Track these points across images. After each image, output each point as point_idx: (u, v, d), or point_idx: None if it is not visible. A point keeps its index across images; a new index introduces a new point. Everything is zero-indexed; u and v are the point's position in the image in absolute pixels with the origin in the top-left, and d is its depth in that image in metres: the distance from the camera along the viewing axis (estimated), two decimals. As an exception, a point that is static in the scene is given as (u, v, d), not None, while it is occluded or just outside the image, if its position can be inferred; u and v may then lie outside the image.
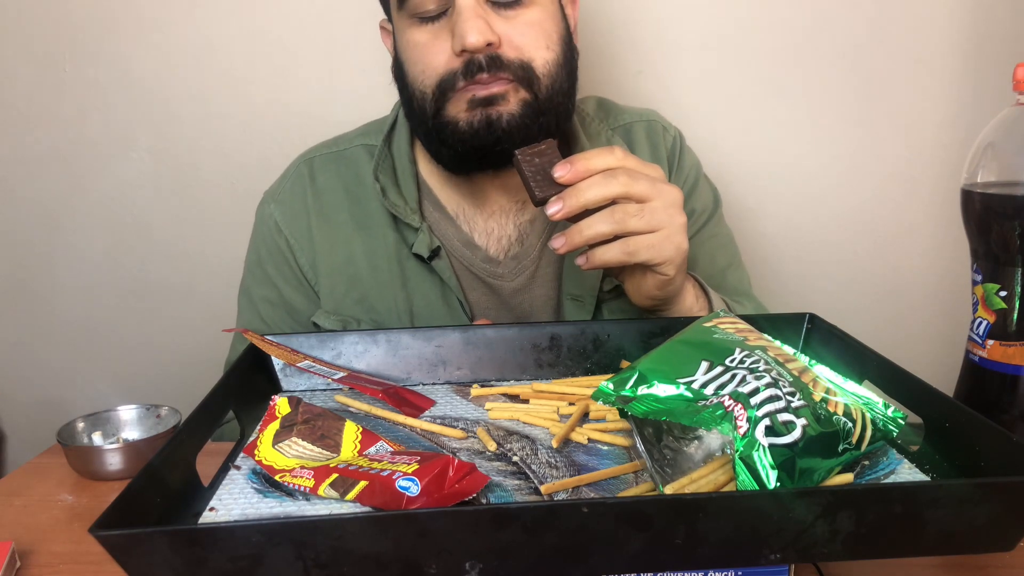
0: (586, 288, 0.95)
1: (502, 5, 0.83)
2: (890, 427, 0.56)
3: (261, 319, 0.98)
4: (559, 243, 0.75)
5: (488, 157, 0.87)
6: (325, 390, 0.75)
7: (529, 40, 0.84)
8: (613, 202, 0.73)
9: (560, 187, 0.74)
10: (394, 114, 0.98)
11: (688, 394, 0.55)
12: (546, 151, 0.76)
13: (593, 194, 0.72)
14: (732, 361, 0.56)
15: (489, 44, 0.81)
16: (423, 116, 0.87)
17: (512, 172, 0.89)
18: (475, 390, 0.73)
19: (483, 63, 0.82)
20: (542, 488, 0.56)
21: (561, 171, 0.73)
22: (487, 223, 0.96)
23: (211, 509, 0.54)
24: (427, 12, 0.83)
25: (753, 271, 1.11)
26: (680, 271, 0.78)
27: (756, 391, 0.53)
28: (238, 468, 0.60)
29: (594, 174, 0.73)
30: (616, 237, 0.74)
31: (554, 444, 0.62)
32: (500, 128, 0.83)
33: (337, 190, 0.97)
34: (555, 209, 0.73)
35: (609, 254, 0.75)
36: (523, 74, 0.84)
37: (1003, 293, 0.69)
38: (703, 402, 0.54)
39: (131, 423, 0.84)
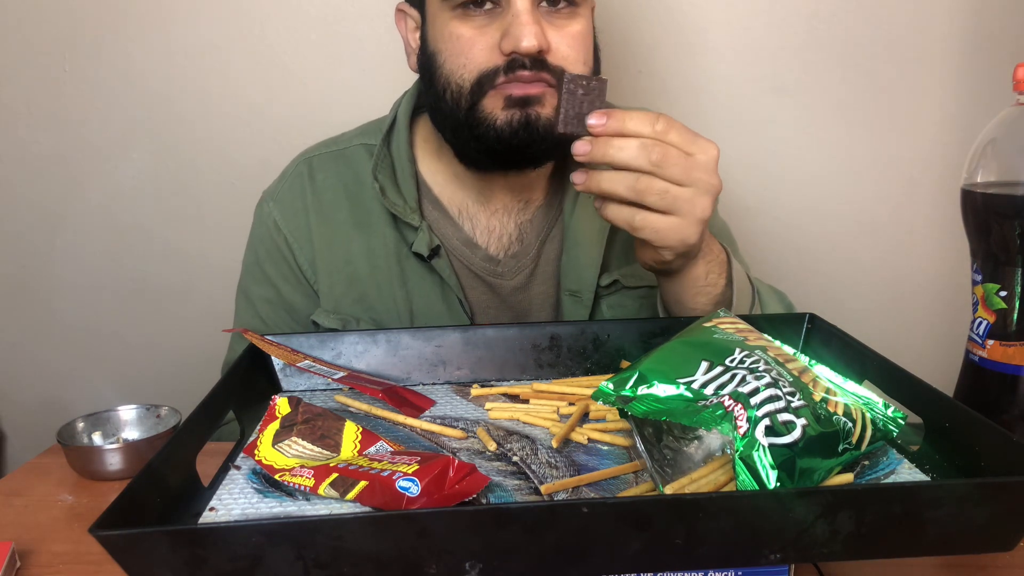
0: (584, 284, 0.95)
1: (555, 11, 0.83)
2: (890, 427, 0.56)
3: (260, 319, 0.98)
4: (580, 179, 0.73)
5: (520, 157, 0.87)
6: (325, 390, 0.75)
7: (572, 53, 0.84)
8: None
9: (584, 131, 0.72)
10: (392, 113, 0.98)
11: (688, 394, 0.55)
12: (594, 88, 0.73)
13: (621, 157, 0.70)
14: (732, 361, 0.57)
15: (540, 51, 0.81)
16: (455, 109, 0.85)
17: (522, 171, 0.91)
18: (475, 390, 0.73)
19: (527, 62, 0.81)
20: (542, 488, 0.56)
21: (596, 119, 0.71)
22: (489, 221, 0.96)
23: (211, 509, 0.54)
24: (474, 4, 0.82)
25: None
26: (681, 257, 0.76)
27: (756, 391, 0.53)
28: (238, 468, 0.60)
29: (627, 136, 0.70)
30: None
31: (554, 444, 0.62)
32: (538, 129, 0.83)
33: (336, 189, 0.97)
34: (582, 151, 0.71)
35: (617, 216, 0.73)
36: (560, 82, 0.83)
37: (1003, 293, 0.69)
38: (703, 402, 0.54)
39: (131, 423, 0.84)
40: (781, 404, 0.52)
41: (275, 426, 0.63)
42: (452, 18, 0.83)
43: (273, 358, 0.75)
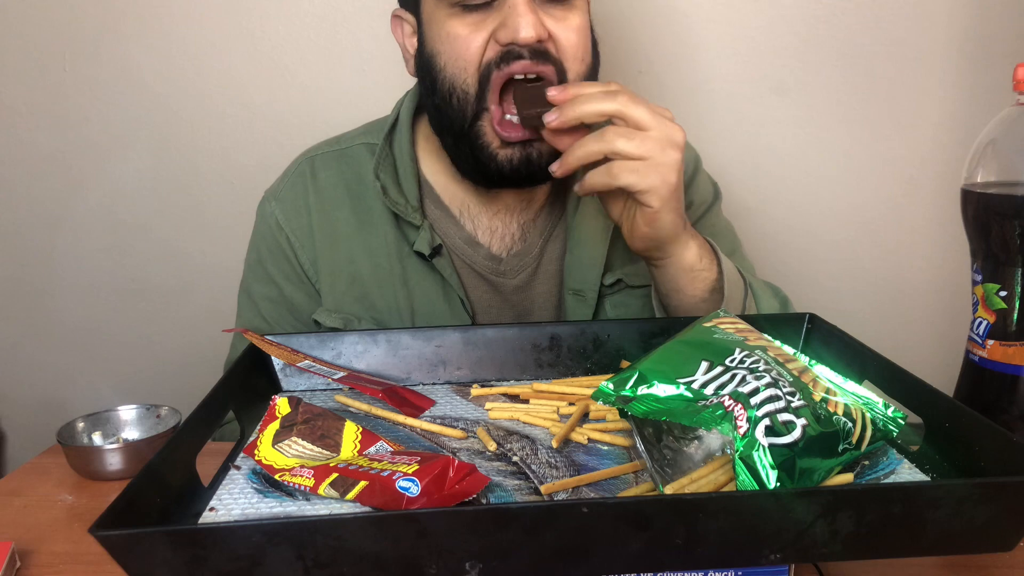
0: (588, 283, 0.95)
1: (552, 4, 0.82)
2: (890, 427, 0.56)
3: (262, 317, 0.98)
4: (555, 167, 0.78)
5: (516, 184, 0.89)
6: (325, 390, 0.75)
7: (572, 44, 0.84)
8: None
9: (546, 107, 0.76)
10: (395, 113, 0.98)
11: (688, 394, 0.55)
12: (542, 86, 0.78)
13: (589, 107, 0.74)
14: (732, 361, 0.57)
15: (540, 40, 0.81)
16: (460, 116, 0.85)
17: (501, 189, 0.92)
18: (475, 390, 0.73)
19: (524, 53, 0.81)
20: (542, 488, 0.56)
21: (556, 91, 0.76)
22: (492, 221, 0.96)
23: (211, 509, 0.54)
24: (471, 0, 0.82)
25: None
26: (667, 207, 0.76)
27: (756, 391, 0.53)
28: (238, 468, 0.60)
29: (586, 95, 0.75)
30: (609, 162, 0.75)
31: (554, 444, 0.62)
32: (539, 165, 0.84)
33: (339, 188, 0.97)
34: (552, 117, 0.76)
35: (596, 177, 0.76)
36: (561, 76, 0.83)
37: (1003, 293, 0.69)
38: (703, 402, 0.54)
39: (131, 423, 0.84)
40: (781, 404, 0.52)
41: (275, 426, 0.63)
42: (448, 17, 0.83)
43: (273, 358, 0.75)
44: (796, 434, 0.50)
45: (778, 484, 0.49)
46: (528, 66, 0.81)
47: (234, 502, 0.55)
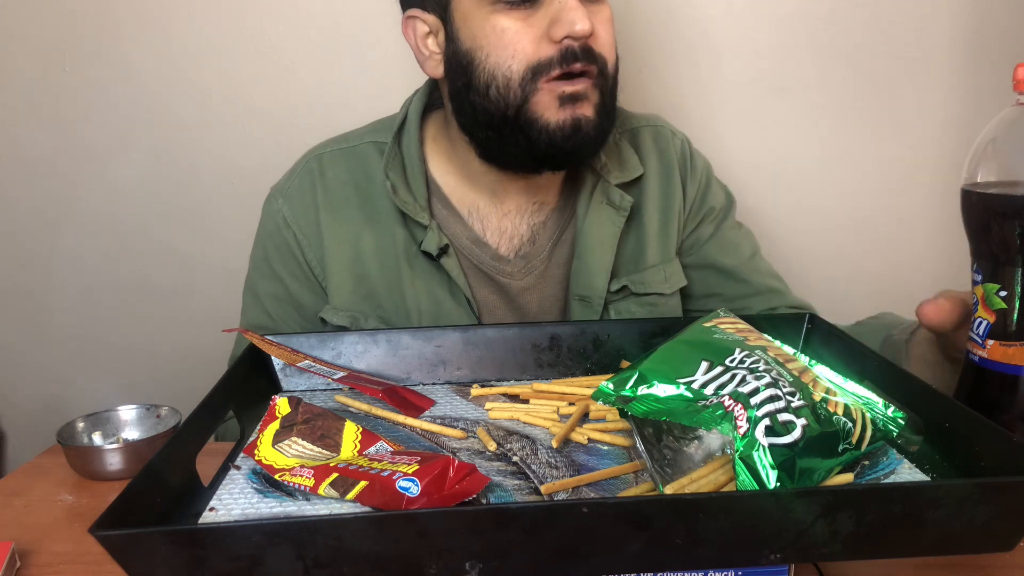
0: (594, 290, 0.95)
1: None
2: (890, 427, 0.56)
3: (268, 315, 0.98)
4: None
5: (567, 158, 0.88)
6: (325, 390, 0.75)
7: (608, 39, 0.85)
8: None
9: None
10: (403, 112, 0.98)
11: (688, 394, 0.55)
12: None
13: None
14: (732, 361, 0.57)
15: (592, 34, 0.82)
16: (503, 105, 0.84)
17: (541, 174, 0.91)
18: (475, 390, 0.73)
19: (578, 52, 0.82)
20: (542, 488, 0.56)
21: None
22: (501, 222, 0.96)
23: (211, 509, 0.55)
24: None
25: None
26: None
27: (756, 391, 0.53)
28: (238, 468, 0.60)
29: None
30: None
31: (554, 444, 0.62)
32: (584, 131, 0.84)
33: (347, 186, 0.97)
34: None
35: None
36: (601, 70, 0.84)
37: (1003, 293, 0.69)
38: (703, 402, 0.54)
39: (131, 423, 0.84)
40: (781, 404, 0.52)
41: (275, 426, 0.63)
42: (492, 12, 0.83)
43: (273, 358, 0.75)
44: (796, 434, 0.50)
45: (778, 484, 0.49)
46: (581, 67, 0.82)
47: (234, 502, 0.55)
